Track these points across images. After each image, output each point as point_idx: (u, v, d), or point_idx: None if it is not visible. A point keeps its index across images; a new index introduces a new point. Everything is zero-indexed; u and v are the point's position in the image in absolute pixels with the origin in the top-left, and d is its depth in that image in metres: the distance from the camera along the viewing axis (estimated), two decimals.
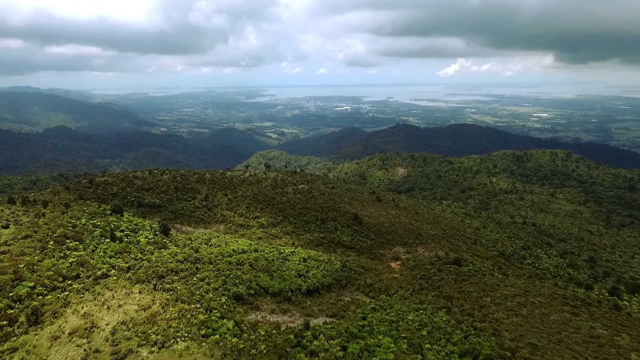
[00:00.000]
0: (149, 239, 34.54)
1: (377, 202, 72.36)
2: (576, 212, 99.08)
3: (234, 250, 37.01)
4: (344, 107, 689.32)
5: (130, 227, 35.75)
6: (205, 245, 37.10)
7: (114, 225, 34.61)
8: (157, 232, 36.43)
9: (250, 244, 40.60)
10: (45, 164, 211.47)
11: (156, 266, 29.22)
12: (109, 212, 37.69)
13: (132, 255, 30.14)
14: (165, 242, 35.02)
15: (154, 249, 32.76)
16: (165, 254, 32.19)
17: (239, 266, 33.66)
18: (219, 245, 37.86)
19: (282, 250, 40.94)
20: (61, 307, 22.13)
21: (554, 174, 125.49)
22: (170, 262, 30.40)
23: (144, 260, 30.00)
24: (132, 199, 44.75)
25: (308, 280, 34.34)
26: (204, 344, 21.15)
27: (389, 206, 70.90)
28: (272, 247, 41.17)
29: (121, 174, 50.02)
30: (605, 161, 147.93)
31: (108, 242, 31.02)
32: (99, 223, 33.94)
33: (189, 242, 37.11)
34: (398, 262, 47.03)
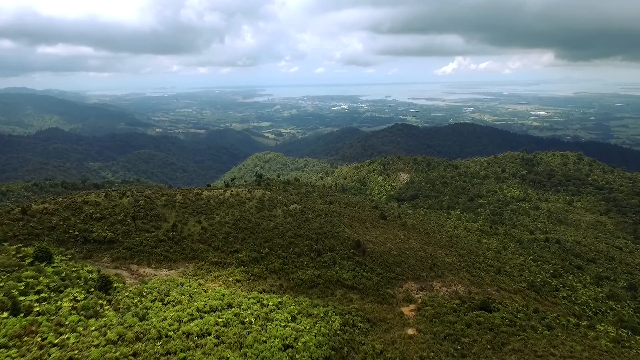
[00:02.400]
0: (76, 301, 25.01)
1: (381, 219, 63.04)
2: (598, 223, 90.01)
3: (198, 310, 27.53)
4: (342, 107, 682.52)
5: (54, 283, 26.13)
6: (160, 304, 27.58)
7: (27, 283, 25.09)
8: (92, 289, 26.93)
9: (224, 295, 31.17)
10: (34, 168, 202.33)
11: (70, 358, 19.76)
12: (31, 259, 28.15)
13: (37, 339, 20.58)
14: (100, 304, 25.47)
15: (79, 320, 23.22)
16: (93, 328, 22.66)
17: (200, 339, 24.27)
18: (179, 302, 28.35)
19: (265, 302, 31.62)
20: None
21: (568, 179, 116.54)
22: (95, 347, 20.91)
23: (54, 346, 20.49)
24: (76, 233, 35.14)
25: (297, 356, 25.02)
26: None
27: (395, 225, 61.54)
28: (251, 297, 31.77)
29: (67, 199, 40.19)
30: (608, 160, 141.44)
31: (5, 317, 21.45)
32: (2, 283, 24.36)
33: (137, 299, 27.61)
34: (412, 307, 37.74)
